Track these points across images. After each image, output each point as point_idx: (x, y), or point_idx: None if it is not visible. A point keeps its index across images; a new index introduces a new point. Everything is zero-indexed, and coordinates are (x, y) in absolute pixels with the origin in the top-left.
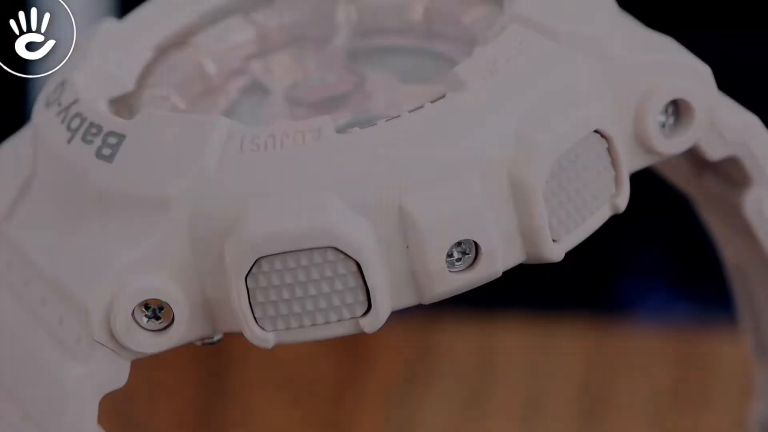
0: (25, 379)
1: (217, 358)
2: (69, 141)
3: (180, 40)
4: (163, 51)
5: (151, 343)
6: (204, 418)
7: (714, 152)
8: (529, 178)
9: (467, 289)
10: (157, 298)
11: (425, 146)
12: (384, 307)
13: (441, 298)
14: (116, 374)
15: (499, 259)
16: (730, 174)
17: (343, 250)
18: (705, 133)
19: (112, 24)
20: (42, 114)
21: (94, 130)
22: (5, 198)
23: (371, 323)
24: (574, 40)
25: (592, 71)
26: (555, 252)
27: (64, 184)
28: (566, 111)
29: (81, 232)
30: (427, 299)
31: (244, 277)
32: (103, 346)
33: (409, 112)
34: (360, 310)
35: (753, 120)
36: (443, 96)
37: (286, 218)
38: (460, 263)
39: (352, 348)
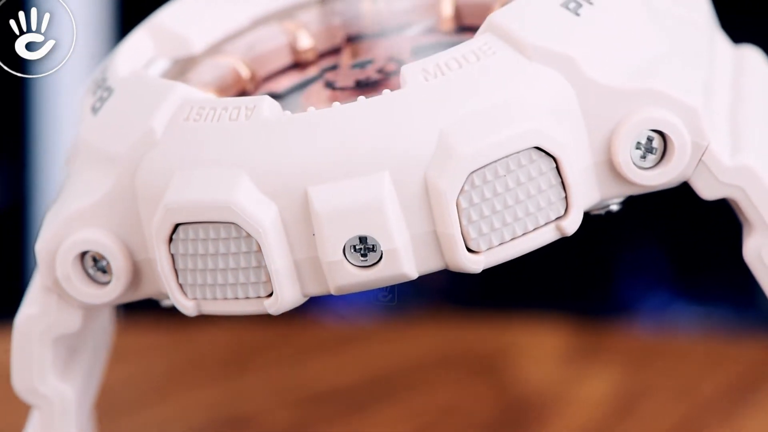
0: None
1: (639, 355)
2: (86, 92)
3: (286, 15)
4: (261, 22)
5: (90, 293)
6: (617, 420)
7: (706, 191)
8: (441, 185)
9: (375, 287)
10: (95, 250)
11: (339, 139)
12: (286, 291)
13: (347, 291)
14: (66, 320)
15: (404, 260)
16: (741, 215)
17: (244, 228)
18: (691, 170)
19: None
20: None
21: (101, 83)
22: (72, 141)
23: (273, 305)
24: (544, 56)
25: (557, 89)
26: (470, 263)
27: (78, 132)
28: (503, 123)
29: (70, 182)
30: (333, 290)
31: (166, 242)
32: (51, 291)
33: (341, 104)
34: (264, 291)
35: (750, 162)
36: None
37: (197, 189)
38: (365, 259)
39: None
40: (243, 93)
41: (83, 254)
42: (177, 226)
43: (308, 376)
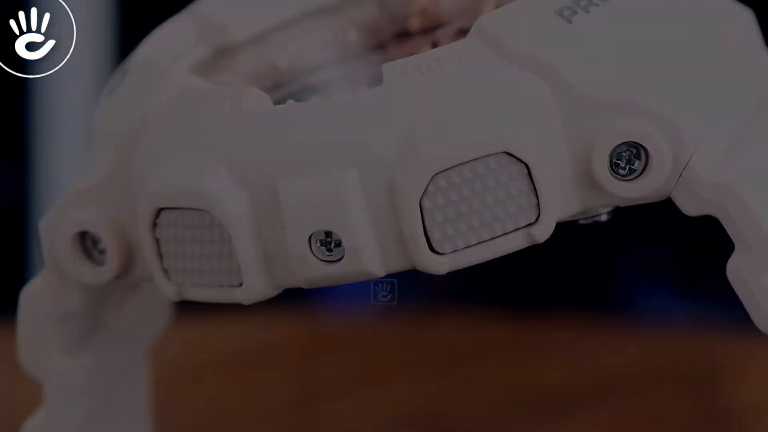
0: None
1: None
2: (113, 75)
3: (336, 9)
4: (310, 15)
5: (86, 273)
6: None
7: (687, 207)
8: (404, 186)
9: (342, 282)
10: (89, 230)
11: (311, 133)
12: (256, 281)
13: (315, 285)
14: (66, 298)
15: (367, 257)
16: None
17: (215, 216)
18: (672, 184)
19: None
20: None
21: (122, 66)
22: None
23: (243, 294)
24: (525, 62)
25: (536, 95)
26: (434, 265)
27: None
28: (472, 126)
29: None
30: (301, 283)
31: (150, 226)
32: (53, 269)
33: (319, 100)
34: (236, 281)
35: (731, 180)
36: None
37: (176, 176)
38: (330, 254)
39: None
40: (278, 84)
41: (83, 234)
42: (160, 210)
43: (520, 378)
